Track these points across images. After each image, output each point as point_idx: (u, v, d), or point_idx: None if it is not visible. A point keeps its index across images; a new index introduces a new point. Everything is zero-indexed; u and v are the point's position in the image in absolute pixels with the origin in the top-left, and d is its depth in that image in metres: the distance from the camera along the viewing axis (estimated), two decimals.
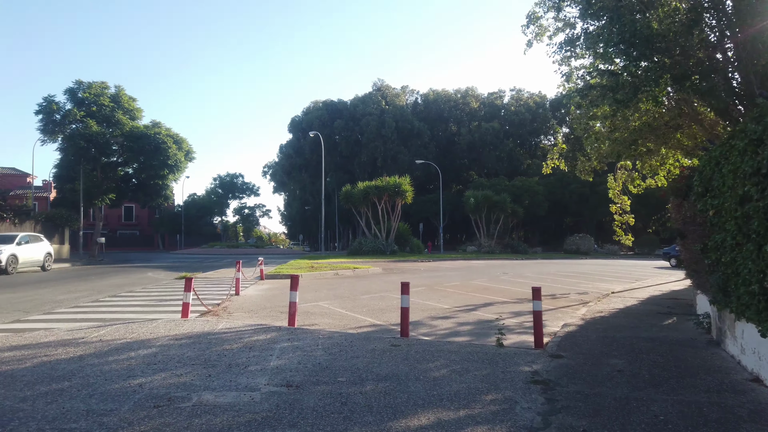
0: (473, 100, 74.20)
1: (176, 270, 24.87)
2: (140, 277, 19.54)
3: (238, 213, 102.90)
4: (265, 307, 11.01)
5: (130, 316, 9.43)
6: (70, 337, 6.46)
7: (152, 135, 33.98)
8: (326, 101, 77.26)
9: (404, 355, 6.08)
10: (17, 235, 23.03)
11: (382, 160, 68.75)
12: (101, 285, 16.12)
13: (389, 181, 36.11)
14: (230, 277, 19.04)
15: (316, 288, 15.19)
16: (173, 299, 12.02)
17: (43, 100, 31.97)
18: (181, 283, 16.10)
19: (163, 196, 38.88)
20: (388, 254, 34.63)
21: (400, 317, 7.49)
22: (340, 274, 20.72)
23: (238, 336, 6.78)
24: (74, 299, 12.18)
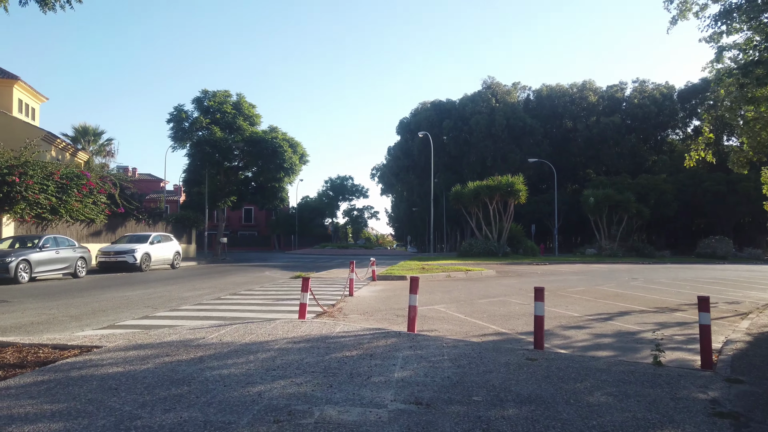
0: (591, 94, 69.91)
1: (291, 269, 25.51)
2: (258, 276, 20.15)
3: (347, 215, 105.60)
4: (380, 309, 10.59)
5: (249, 315, 9.41)
6: (191, 337, 6.37)
7: (269, 139, 35.38)
8: (434, 101, 76.75)
9: (544, 371, 5.26)
10: (150, 234, 24.82)
11: (491, 159, 66.81)
12: (223, 283, 16.72)
13: (501, 180, 34.73)
14: (343, 277, 19.08)
15: (429, 290, 14.59)
16: (290, 299, 12.00)
17: (173, 109, 34.53)
18: (297, 283, 16.31)
19: (279, 198, 40.43)
20: (500, 256, 33.26)
21: (533, 326, 6.64)
22: (453, 276, 19.99)
23: (356, 341, 6.34)
24: (198, 296, 12.58)
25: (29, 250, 16.95)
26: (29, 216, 22.36)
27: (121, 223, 29.67)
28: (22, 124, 29.75)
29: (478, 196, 34.88)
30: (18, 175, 21.65)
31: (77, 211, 25.08)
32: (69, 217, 24.72)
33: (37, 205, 22.70)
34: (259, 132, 36.89)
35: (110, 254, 22.60)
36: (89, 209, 25.99)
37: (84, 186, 25.25)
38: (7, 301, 11.30)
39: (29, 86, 32.83)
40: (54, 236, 18.63)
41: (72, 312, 9.67)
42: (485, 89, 73.95)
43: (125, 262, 22.46)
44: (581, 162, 71.05)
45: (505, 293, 13.95)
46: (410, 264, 25.97)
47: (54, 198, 23.42)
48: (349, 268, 23.22)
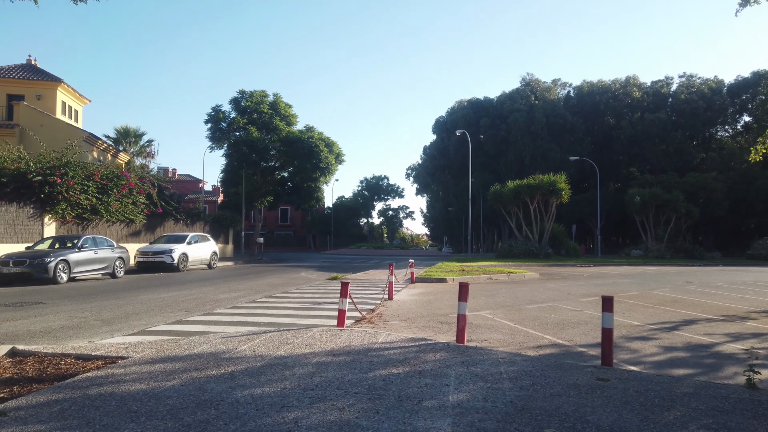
0: (635, 90, 67.45)
1: (327, 270, 25.11)
2: (294, 277, 19.78)
3: (382, 215, 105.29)
4: (422, 315, 9.96)
5: (284, 320, 8.93)
6: (223, 347, 5.88)
7: (306, 139, 35.19)
8: (471, 100, 75.59)
9: (622, 396, 4.54)
10: (188, 235, 24.81)
11: (530, 158, 65.21)
12: (258, 284, 16.37)
13: (542, 179, 33.58)
14: (380, 279, 18.52)
15: (472, 294, 13.85)
16: (326, 302, 11.50)
17: (211, 110, 34.70)
18: (334, 285, 15.82)
19: (315, 198, 40.23)
20: (542, 258, 32.15)
21: (598, 338, 5.90)
22: (494, 278, 19.18)
23: (402, 354, 5.73)
24: (233, 299, 12.21)
25: (68, 251, 16.98)
26: (70, 216, 22.59)
27: (160, 223, 29.87)
28: (65, 125, 30.30)
29: (519, 195, 33.81)
30: (59, 176, 21.90)
31: (117, 212, 25.29)
32: (109, 217, 24.94)
33: (77, 205, 22.93)
34: (295, 132, 36.77)
35: (148, 254, 22.64)
36: (129, 209, 26.19)
37: (123, 186, 25.44)
38: (42, 302, 11.14)
39: (72, 89, 33.46)
40: (92, 236, 18.67)
41: (104, 315, 9.38)
42: (524, 86, 72.37)
43: (163, 262, 22.46)
44: (624, 160, 68.71)
45: (554, 298, 13.12)
46: (449, 265, 25.24)
47: (94, 198, 23.64)
48: (386, 269, 22.64)
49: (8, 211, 20.30)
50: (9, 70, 31.57)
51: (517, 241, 34.43)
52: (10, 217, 20.36)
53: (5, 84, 31.05)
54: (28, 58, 33.24)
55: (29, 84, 31.38)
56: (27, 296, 12.45)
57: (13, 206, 20.54)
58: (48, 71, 32.58)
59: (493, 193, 36.16)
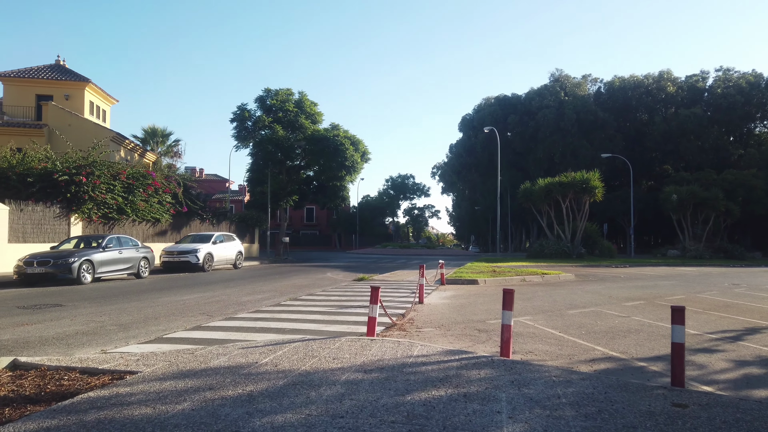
0: (669, 85, 65.32)
1: (353, 270, 24.57)
2: (320, 278, 19.27)
3: (407, 214, 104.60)
4: (456, 321, 9.28)
5: (310, 326, 8.35)
6: (242, 360, 5.31)
7: (331, 137, 34.74)
8: (499, 96, 74.38)
9: (708, 428, 3.81)
10: (213, 234, 24.53)
11: (560, 155, 63.71)
12: (283, 285, 15.88)
13: (575, 176, 32.47)
14: (408, 279, 17.87)
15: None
16: (354, 306, 10.90)
17: (237, 108, 34.54)
18: (360, 286, 15.22)
19: (341, 197, 39.78)
20: (574, 258, 31.08)
21: (664, 353, 5.16)
22: (528, 280, 18.35)
23: (442, 371, 5.07)
24: (257, 301, 11.71)
25: (92, 251, 16.75)
26: (96, 216, 22.51)
27: (186, 222, 29.75)
28: (92, 125, 30.41)
29: (550, 193, 32.76)
30: (85, 175, 21.82)
31: (143, 211, 25.17)
32: (135, 217, 24.83)
33: (104, 204, 22.85)
34: (320, 130, 36.37)
35: (173, 254, 22.41)
36: (155, 209, 26.07)
37: (149, 186, 25.32)
38: (61, 305, 10.80)
39: (100, 89, 33.62)
40: (117, 236, 18.45)
41: (123, 319, 8.94)
42: (553, 82, 70.87)
43: (188, 262, 22.20)
44: (657, 157, 66.68)
45: (595, 302, 12.29)
46: (478, 266, 24.44)
47: (120, 198, 23.53)
48: (413, 270, 21.98)
49: (35, 210, 20.27)
50: (38, 71, 31.85)
51: (549, 241, 33.38)
52: (36, 216, 20.32)
53: (34, 84, 31.33)
54: (57, 59, 33.52)
55: (58, 84, 31.61)
56: (48, 298, 12.16)
57: (40, 206, 20.51)
58: (76, 71, 32.79)
59: (523, 191, 35.15)
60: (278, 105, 34.48)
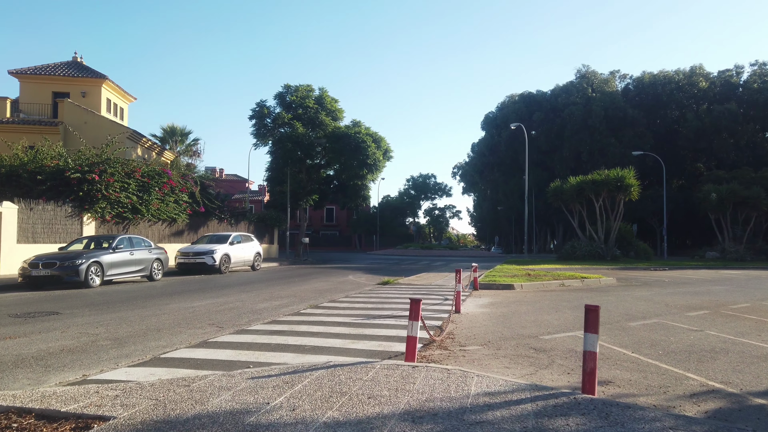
0: (702, 80, 62.83)
1: (375, 272, 23.36)
2: (341, 281, 18.08)
3: (428, 214, 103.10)
4: (505, 336, 7.95)
5: (334, 342, 7.11)
6: (250, 400, 4.08)
7: (352, 134, 33.58)
8: (523, 94, 72.66)
9: None
10: (230, 234, 23.52)
11: (587, 153, 61.70)
12: (303, 290, 14.71)
13: (608, 174, 30.79)
14: (437, 284, 16.56)
15: (551, 305, 11.72)
16: (383, 315, 9.65)
17: (255, 105, 33.57)
18: (386, 291, 13.94)
19: (362, 197, 38.58)
20: (609, 260, 29.42)
21: None
22: (567, 285, 16.91)
23: (516, 419, 3.78)
24: (274, 309, 10.53)
25: (102, 252, 15.77)
26: (110, 215, 21.65)
27: (203, 222, 28.85)
28: (109, 123, 29.68)
29: (582, 192, 31.12)
30: (98, 173, 20.96)
31: (158, 211, 24.29)
32: (150, 217, 23.95)
33: (117, 203, 21.98)
34: (341, 127, 35.23)
35: (189, 255, 21.43)
36: (171, 208, 25.18)
37: (165, 184, 24.42)
38: (57, 312, 9.74)
39: (117, 86, 32.94)
40: (129, 236, 17.47)
41: (120, 332, 7.81)
42: (579, 78, 68.82)
43: (204, 263, 21.20)
44: (689, 155, 64.19)
45: (654, 312, 10.84)
46: (509, 268, 23.00)
47: (135, 197, 22.66)
48: (440, 272, 20.64)
49: (45, 209, 19.43)
50: (55, 68, 31.27)
51: (580, 242, 31.74)
52: (47, 216, 19.48)
53: (51, 82, 30.74)
54: (74, 56, 32.92)
55: (74, 81, 30.97)
56: (47, 304, 11.15)
57: (51, 205, 19.67)
58: (93, 68, 32.14)
59: (553, 190, 33.54)
60: (298, 101, 33.40)
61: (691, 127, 59.77)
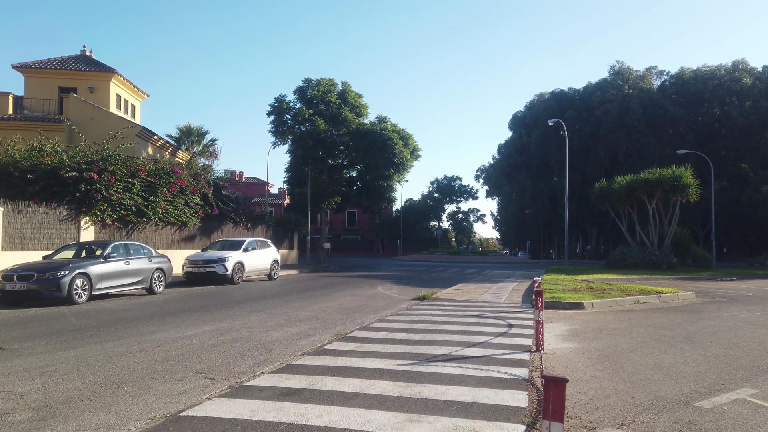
0: (746, 75, 58.92)
1: (405, 282, 20.70)
2: (370, 296, 15.45)
3: (451, 218, 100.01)
4: (641, 402, 5.21)
5: (377, 418, 4.47)
6: None
7: (378, 131, 30.99)
8: (554, 91, 69.41)
9: None
10: (245, 240, 21.10)
11: (624, 154, 58.22)
12: (326, 309, 12.10)
13: (663, 173, 27.62)
14: (484, 299, 13.73)
15: (653, 337, 8.91)
16: (437, 355, 6.99)
17: (274, 100, 31.14)
18: (431, 311, 11.08)
19: (387, 199, 35.91)
20: (665, 268, 26.28)
21: None
22: (643, 302, 14.05)
23: None
24: (289, 341, 7.96)
25: (90, 261, 13.39)
26: (111, 218, 19.37)
27: (218, 226, 26.53)
28: (117, 119, 27.56)
29: (633, 192, 28.00)
30: (97, 171, 18.71)
31: (166, 213, 22.01)
32: (157, 220, 21.68)
33: (120, 205, 19.71)
34: (366, 124, 32.67)
35: (198, 264, 19.05)
36: (180, 210, 22.90)
37: (173, 185, 22.13)
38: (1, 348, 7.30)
39: (127, 80, 30.90)
40: (125, 243, 15.09)
41: (58, 391, 5.29)
42: (613, 75, 65.35)
43: (214, 272, 18.81)
44: (731, 155, 60.20)
45: None
46: (562, 279, 20.07)
47: (139, 198, 20.39)
48: (481, 283, 17.91)
49: (36, 212, 17.19)
50: (61, 62, 29.33)
51: (630, 248, 28.61)
52: (38, 219, 17.24)
53: (57, 76, 28.81)
54: (83, 49, 30.97)
55: (81, 75, 28.99)
56: (3, 331, 8.74)
57: (43, 207, 17.43)
58: (101, 62, 30.14)
59: (598, 190, 30.45)
60: (319, 96, 30.92)
61: (736, 125, 55.96)
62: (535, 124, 68.72)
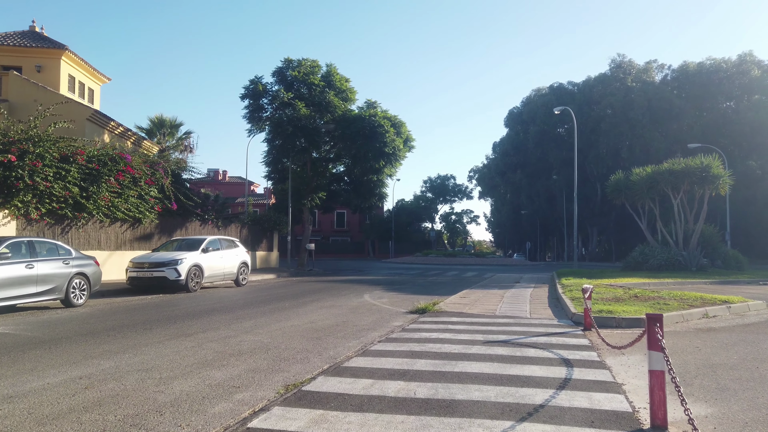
0: (754, 68, 56.11)
1: (399, 289, 17.24)
2: (354, 307, 11.94)
3: (444, 219, 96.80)
4: None
5: None
6: None
7: (367, 117, 27.50)
8: (552, 86, 66.24)
9: None
10: (204, 239, 17.52)
11: (627, 149, 55.29)
12: (287, 332, 8.57)
13: (690, 163, 24.36)
14: (503, 312, 10.17)
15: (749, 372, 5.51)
16: (451, 418, 3.54)
17: (249, 82, 27.52)
18: (432, 333, 7.15)
19: (378, 195, 32.37)
20: (695, 271, 22.99)
21: None
22: (712, 315, 10.70)
23: None
24: (194, 404, 4.47)
25: None
26: (37, 212, 15.74)
27: (181, 224, 22.95)
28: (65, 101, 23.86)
29: (655, 185, 24.72)
30: (17, 154, 15.12)
31: (114, 207, 18.42)
32: (102, 216, 18.08)
33: (50, 196, 16.10)
34: (353, 111, 29.20)
35: (144, 267, 15.47)
36: (132, 205, 19.30)
37: (121, 173, 18.53)
38: None
39: (83, 60, 27.23)
40: (28, 239, 11.47)
41: None
42: (614, 69, 62.39)
43: (164, 278, 15.25)
44: (739, 152, 57.35)
45: None
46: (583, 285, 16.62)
47: (76, 188, 16.76)
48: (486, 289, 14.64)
49: None
50: (5, 37, 25.60)
51: (652, 248, 25.30)
52: None
53: None
54: (32, 25, 27.27)
55: (27, 52, 25.30)
56: None
57: None
58: (51, 38, 26.47)
59: (614, 183, 27.12)
60: (301, 78, 27.36)
61: (744, 119, 53.17)
62: (533, 120, 65.73)
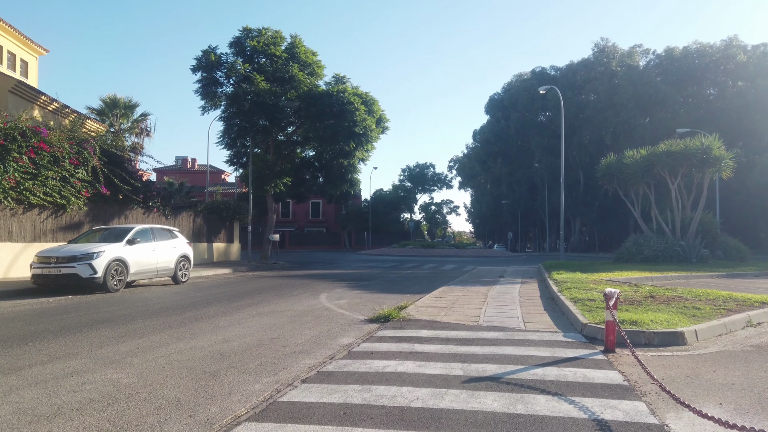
0: (740, 53, 54.57)
1: (365, 285, 14.64)
2: (299, 313, 9.22)
3: (424, 210, 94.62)
4: None
5: None
6: None
7: (335, 93, 24.71)
8: (535, 70, 64.02)
9: None
10: (132, 228, 14.68)
11: (611, 136, 53.44)
12: (192, 355, 5.81)
13: (689, 144, 22.14)
14: (491, 325, 7.61)
15: None
16: None
17: (201, 53, 24.44)
18: (389, 357, 4.78)
19: (349, 182, 29.63)
20: (694, 262, 20.86)
21: None
22: (756, 322, 8.31)
23: None
24: None
25: None
26: None
27: (118, 212, 19.97)
28: None
29: (651, 168, 22.47)
30: None
31: (25, 191, 15.45)
32: (10, 201, 15.11)
33: None
34: (320, 87, 26.38)
35: (50, 261, 12.59)
36: (50, 188, 16.33)
37: (32, 149, 15.54)
38: None
39: (12, 27, 23.95)
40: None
41: None
42: (597, 53, 60.41)
43: (75, 275, 12.40)
44: (725, 139, 55.88)
45: None
46: (583, 281, 14.13)
47: None
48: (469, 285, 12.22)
49: None
50: None
51: (646, 238, 23.09)
52: None
53: None
54: None
55: None
56: None
57: None
58: None
59: (605, 167, 24.80)
60: (261, 48, 24.42)
61: (731, 105, 51.61)
62: (514, 106, 63.57)
